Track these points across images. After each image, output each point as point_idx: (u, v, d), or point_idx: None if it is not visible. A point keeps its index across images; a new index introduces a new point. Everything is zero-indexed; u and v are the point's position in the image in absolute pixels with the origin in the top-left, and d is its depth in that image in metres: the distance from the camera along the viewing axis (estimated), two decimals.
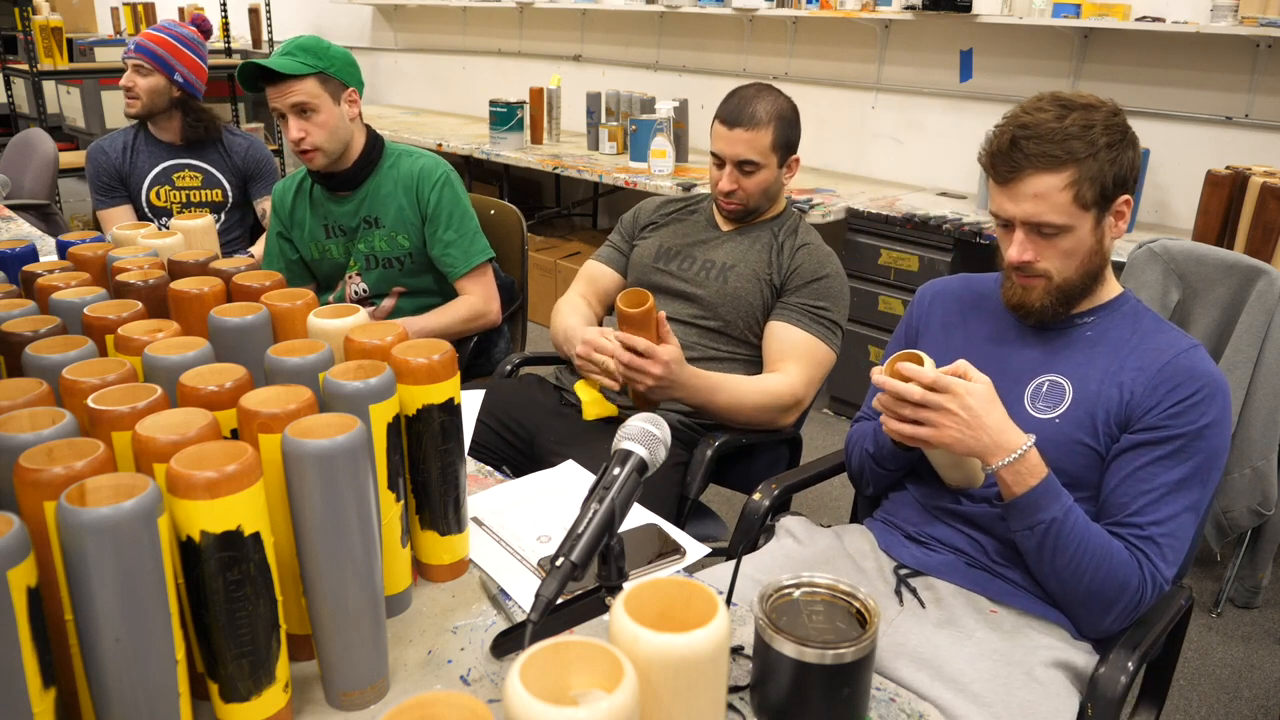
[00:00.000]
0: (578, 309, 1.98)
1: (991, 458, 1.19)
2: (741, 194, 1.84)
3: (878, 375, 1.22)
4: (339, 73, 2.01)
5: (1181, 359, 1.26)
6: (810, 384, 1.79)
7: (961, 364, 1.21)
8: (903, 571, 1.35)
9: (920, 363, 1.21)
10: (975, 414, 1.18)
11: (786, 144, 1.83)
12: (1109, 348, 1.31)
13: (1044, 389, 1.32)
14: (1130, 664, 1.18)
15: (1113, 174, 1.22)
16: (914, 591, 1.31)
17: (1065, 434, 1.27)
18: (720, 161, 1.84)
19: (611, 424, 1.74)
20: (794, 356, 1.78)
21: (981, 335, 1.41)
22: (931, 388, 1.18)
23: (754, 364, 1.86)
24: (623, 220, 2.08)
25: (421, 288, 2.18)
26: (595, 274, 2.05)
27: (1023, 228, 1.26)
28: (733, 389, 1.73)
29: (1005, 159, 1.23)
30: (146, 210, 2.72)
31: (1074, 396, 1.29)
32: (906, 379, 1.20)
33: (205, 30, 2.82)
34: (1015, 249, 1.27)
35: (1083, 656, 1.24)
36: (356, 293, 2.18)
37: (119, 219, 2.68)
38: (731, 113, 1.81)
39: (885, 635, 1.24)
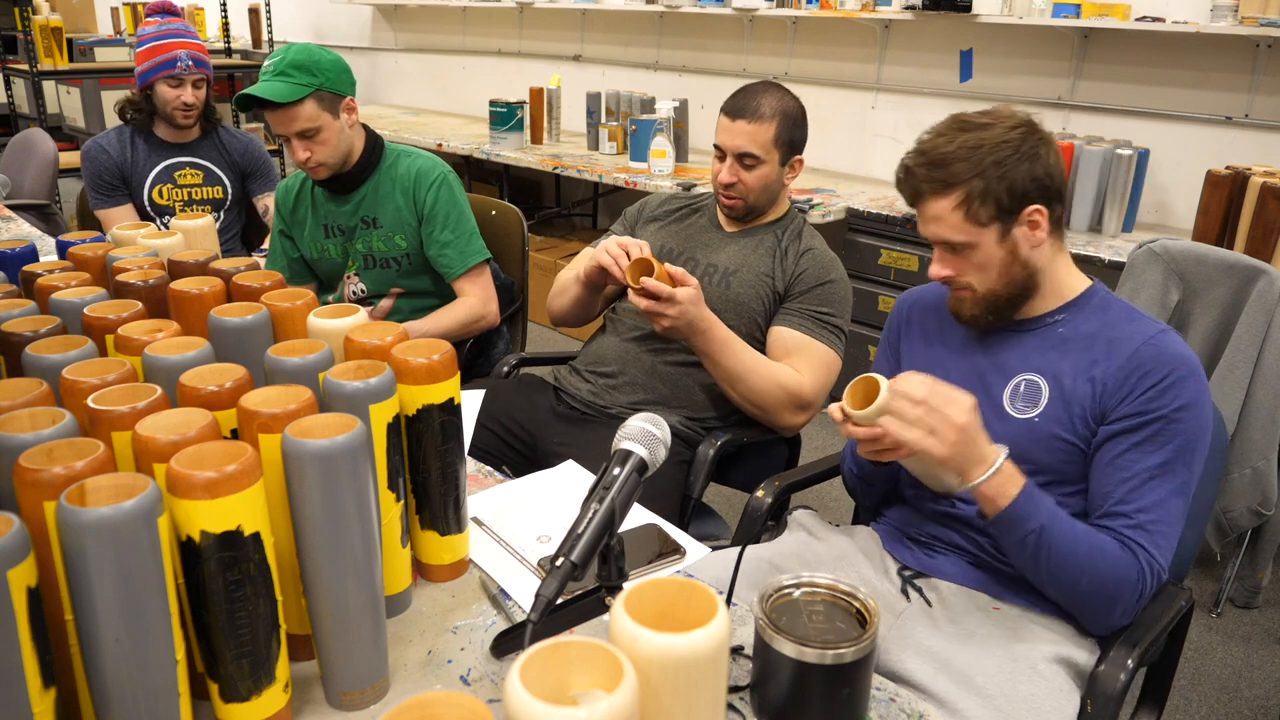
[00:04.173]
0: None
1: (972, 473, 1.16)
2: (741, 187, 1.82)
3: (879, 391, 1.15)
4: (334, 85, 1.98)
5: (1149, 345, 1.25)
6: (818, 386, 1.76)
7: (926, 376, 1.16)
8: (906, 573, 1.36)
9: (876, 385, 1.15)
10: (961, 427, 1.13)
11: (790, 142, 1.82)
12: (1080, 343, 1.31)
13: (1021, 389, 1.33)
14: (1130, 662, 1.18)
15: (1005, 189, 1.23)
16: (919, 591, 1.33)
17: (1046, 431, 1.29)
18: (722, 154, 1.83)
19: (612, 423, 1.72)
20: (800, 354, 1.76)
21: (959, 341, 1.42)
22: (923, 401, 1.13)
23: None
24: (626, 212, 2.05)
25: (419, 289, 2.18)
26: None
27: (938, 246, 1.31)
28: (744, 353, 1.70)
29: (905, 186, 1.31)
30: (149, 208, 2.72)
31: (1050, 394, 1.30)
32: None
33: (175, 12, 2.80)
34: (934, 265, 1.33)
35: (1084, 654, 1.25)
36: (355, 293, 2.18)
37: (120, 219, 2.66)
38: (736, 105, 1.81)
39: (893, 629, 1.26)
